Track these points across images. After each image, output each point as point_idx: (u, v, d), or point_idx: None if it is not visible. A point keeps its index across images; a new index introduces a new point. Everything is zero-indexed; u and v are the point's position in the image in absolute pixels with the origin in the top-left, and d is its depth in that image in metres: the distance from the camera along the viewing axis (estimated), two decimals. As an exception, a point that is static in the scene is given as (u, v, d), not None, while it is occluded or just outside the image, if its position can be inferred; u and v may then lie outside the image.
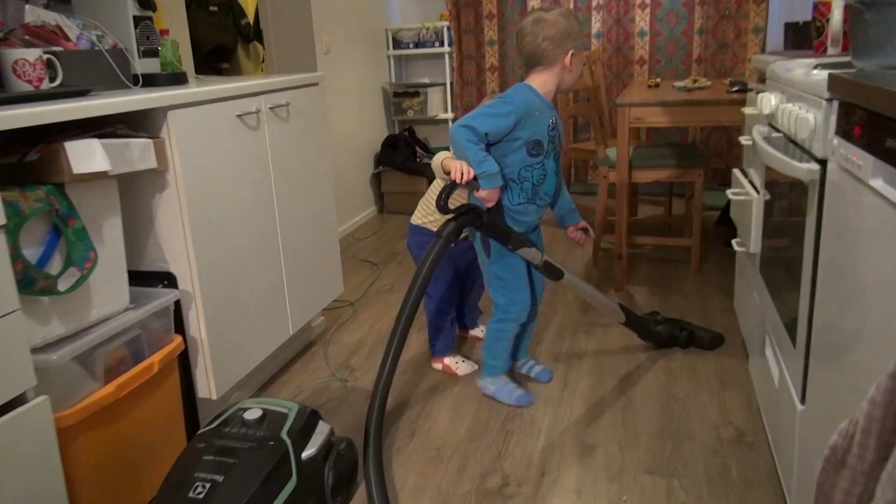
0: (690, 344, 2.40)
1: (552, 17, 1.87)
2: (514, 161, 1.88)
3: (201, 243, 1.81)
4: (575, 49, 1.88)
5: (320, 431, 1.61)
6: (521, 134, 1.85)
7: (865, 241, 0.98)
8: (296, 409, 1.62)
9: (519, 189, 1.92)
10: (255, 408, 1.60)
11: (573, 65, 1.89)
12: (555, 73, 1.89)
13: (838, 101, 1.12)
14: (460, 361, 2.31)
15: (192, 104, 1.77)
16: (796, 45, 2.68)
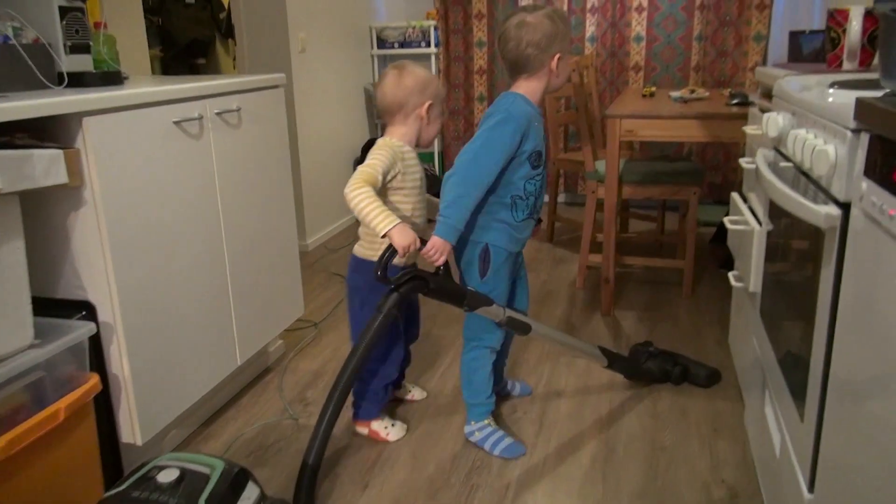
0: (684, 381, 2.18)
1: (536, 19, 1.71)
2: (518, 176, 1.75)
3: (124, 268, 1.58)
4: (562, 52, 1.74)
5: (247, 497, 1.37)
6: (525, 147, 1.73)
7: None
8: (220, 469, 1.39)
9: (524, 205, 1.79)
10: (172, 467, 1.37)
11: (560, 68, 1.76)
12: (541, 79, 1.77)
13: (869, 135, 0.90)
14: (390, 425, 1.95)
15: (115, 109, 1.54)
16: (802, 56, 2.47)
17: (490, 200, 1.76)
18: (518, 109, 1.72)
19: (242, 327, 2.06)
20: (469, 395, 1.92)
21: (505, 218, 1.77)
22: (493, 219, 1.77)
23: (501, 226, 1.78)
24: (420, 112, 1.79)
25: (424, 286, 1.63)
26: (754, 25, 3.86)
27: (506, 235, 1.79)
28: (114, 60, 1.89)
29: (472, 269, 1.82)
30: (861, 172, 0.92)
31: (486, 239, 1.78)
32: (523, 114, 1.72)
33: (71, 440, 1.50)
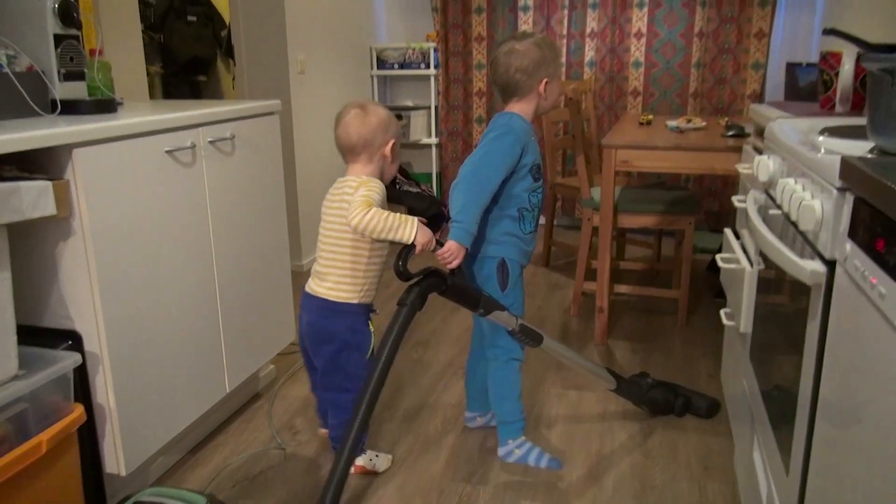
0: (686, 412, 2.18)
1: (524, 46, 1.80)
2: (522, 189, 1.83)
3: (112, 298, 1.57)
4: (549, 77, 1.83)
5: None
6: (526, 161, 1.81)
7: (879, 391, 0.75)
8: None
9: (531, 217, 1.86)
10: (152, 503, 1.36)
11: (548, 92, 1.85)
12: (531, 102, 1.85)
13: (854, 196, 0.90)
14: (374, 457, 1.92)
15: (107, 140, 1.54)
16: (798, 88, 2.48)
17: (500, 215, 1.83)
18: (517, 124, 1.81)
19: (232, 354, 2.05)
20: (506, 413, 1.92)
21: (514, 231, 1.84)
22: (504, 233, 1.84)
23: (513, 240, 1.84)
24: (384, 151, 1.81)
25: (442, 284, 1.66)
26: (753, 54, 3.88)
27: (517, 249, 1.86)
28: (108, 87, 1.90)
29: (491, 284, 1.86)
30: (846, 232, 0.91)
31: (502, 253, 1.85)
32: (522, 128, 1.80)
33: (53, 472, 1.49)
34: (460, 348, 2.69)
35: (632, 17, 4.02)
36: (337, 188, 1.84)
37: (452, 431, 2.12)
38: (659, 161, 2.56)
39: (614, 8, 4.03)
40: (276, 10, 3.35)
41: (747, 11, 3.83)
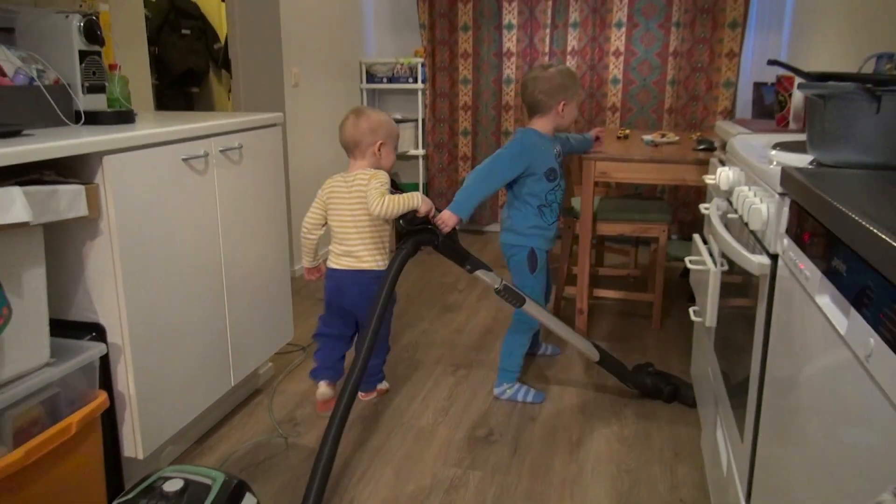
0: (674, 399, 2.39)
1: (549, 74, 2.30)
2: (541, 189, 2.31)
3: (134, 294, 1.72)
4: (566, 100, 2.30)
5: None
6: (536, 167, 2.29)
7: (809, 358, 0.93)
8: (221, 480, 1.52)
9: (549, 211, 2.36)
10: (176, 478, 1.49)
11: (565, 112, 2.32)
12: (550, 119, 2.32)
13: (790, 199, 1.07)
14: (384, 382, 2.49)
15: (132, 148, 1.69)
16: (764, 105, 2.68)
17: (526, 212, 2.34)
18: (527, 139, 2.31)
19: (237, 350, 2.19)
20: (508, 364, 2.43)
21: (539, 224, 2.35)
22: (531, 227, 2.34)
23: (538, 231, 2.35)
24: (373, 150, 2.18)
25: (435, 239, 2.05)
26: (724, 73, 4.10)
27: (542, 239, 2.38)
28: (126, 100, 2.04)
29: (524, 268, 2.37)
30: (784, 230, 1.09)
31: (531, 244, 2.35)
32: (532, 142, 2.30)
33: (80, 453, 1.62)
34: (447, 349, 2.85)
35: (610, 37, 4.23)
36: (348, 181, 2.17)
37: (443, 423, 2.27)
38: (635, 173, 2.75)
39: (594, 28, 4.24)
40: (273, 25, 3.51)
41: (719, 33, 4.06)
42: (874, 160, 1.11)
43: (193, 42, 4.95)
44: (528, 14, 4.33)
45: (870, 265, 0.71)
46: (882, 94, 1.07)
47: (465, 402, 2.41)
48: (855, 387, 0.75)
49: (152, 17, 4.64)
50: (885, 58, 1.86)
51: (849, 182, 0.99)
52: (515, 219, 2.35)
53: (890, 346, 0.65)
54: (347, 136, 2.19)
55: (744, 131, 1.85)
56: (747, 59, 4.12)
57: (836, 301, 0.83)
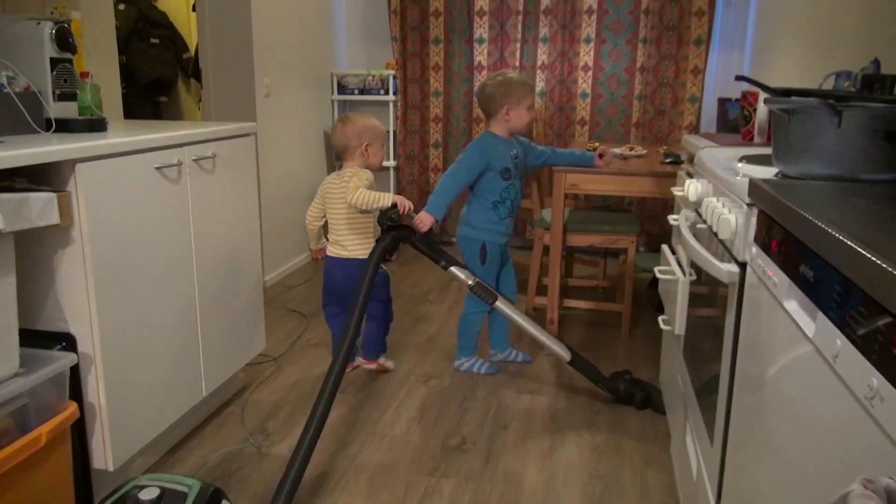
0: (647, 406, 2.43)
1: (493, 82, 2.55)
2: (496, 186, 2.54)
3: (106, 303, 1.70)
4: (510, 105, 2.51)
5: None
6: (493, 165, 2.53)
7: (778, 361, 0.96)
8: (197, 488, 1.51)
9: (503, 207, 2.57)
10: (151, 486, 1.48)
11: (511, 116, 2.53)
12: (500, 122, 2.55)
13: (757, 209, 1.12)
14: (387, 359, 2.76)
15: (105, 156, 1.67)
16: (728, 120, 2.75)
17: (480, 207, 2.57)
18: (485, 140, 2.57)
19: (208, 360, 2.17)
20: (464, 340, 2.70)
21: (491, 218, 2.57)
22: (483, 220, 2.57)
23: (490, 225, 2.58)
24: (360, 150, 2.50)
25: (412, 236, 2.31)
26: (689, 88, 4.20)
27: (494, 233, 2.59)
28: (98, 107, 2.02)
29: (475, 260, 2.59)
30: (752, 239, 1.13)
31: (483, 238, 2.58)
32: (488, 143, 2.55)
33: (49, 465, 1.59)
34: (419, 359, 2.86)
35: (579, 52, 4.31)
36: (338, 177, 2.50)
37: (417, 432, 2.28)
38: (604, 185, 2.80)
39: (563, 43, 4.32)
40: (244, 35, 3.51)
41: (684, 49, 4.16)
42: (836, 172, 1.16)
43: (162, 51, 4.91)
44: (499, 29, 4.39)
45: (836, 270, 0.75)
46: (843, 110, 1.12)
47: (438, 411, 2.42)
48: (822, 386, 0.78)
49: (120, 26, 4.59)
50: (843, 76, 1.94)
51: (813, 192, 1.03)
52: (470, 214, 2.60)
53: (856, 346, 0.69)
54: (337, 141, 2.53)
55: (711, 145, 1.91)
56: (711, 76, 4.22)
57: (804, 305, 0.87)
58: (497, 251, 2.62)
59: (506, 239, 2.63)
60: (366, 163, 2.51)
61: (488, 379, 2.67)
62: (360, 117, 2.55)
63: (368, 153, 2.51)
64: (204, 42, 3.56)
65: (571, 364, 2.44)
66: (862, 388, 0.67)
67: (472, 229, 2.59)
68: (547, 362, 2.85)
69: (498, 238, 2.60)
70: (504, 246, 2.65)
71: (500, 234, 2.60)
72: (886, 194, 1.04)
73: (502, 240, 2.62)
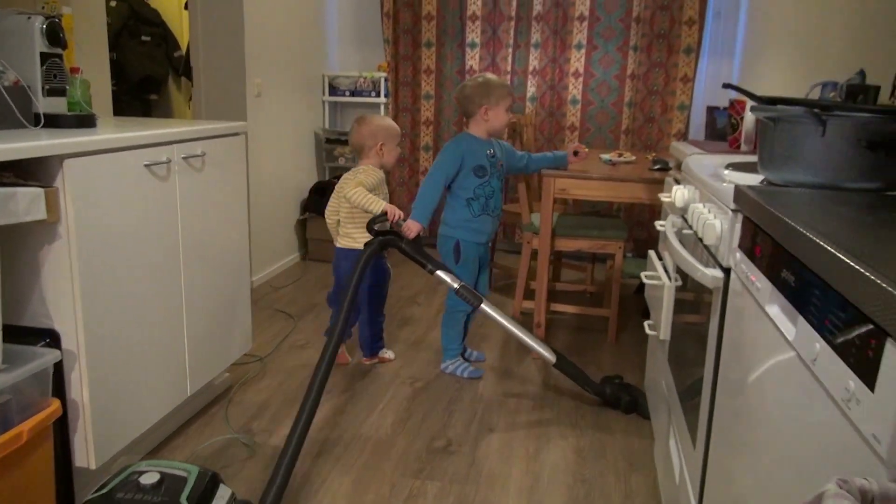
0: (633, 411, 2.44)
1: (471, 83, 2.61)
2: (469, 183, 2.58)
3: (91, 300, 1.69)
4: (488, 106, 2.56)
5: (221, 496, 1.57)
6: (467, 163, 2.57)
7: (760, 365, 0.97)
8: (195, 473, 1.56)
9: (477, 204, 2.60)
10: (151, 471, 1.53)
11: (489, 116, 2.58)
12: (479, 123, 2.60)
13: (742, 215, 1.13)
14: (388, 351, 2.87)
15: (94, 152, 1.67)
16: (716, 128, 2.78)
17: (454, 205, 2.61)
18: (461, 139, 2.62)
19: (194, 359, 2.16)
20: (447, 341, 2.74)
21: (466, 216, 2.60)
22: (458, 218, 2.61)
23: (464, 223, 2.60)
24: (375, 150, 2.64)
25: (399, 241, 2.37)
26: (678, 96, 4.24)
27: (469, 231, 2.61)
28: (87, 103, 2.02)
29: (450, 258, 2.63)
30: (737, 244, 1.15)
31: (458, 236, 2.62)
32: (465, 141, 2.59)
33: (30, 462, 1.58)
34: (406, 361, 2.86)
35: (570, 58, 4.33)
36: (352, 174, 2.63)
37: (402, 434, 2.28)
38: (593, 190, 2.82)
39: (555, 49, 4.34)
40: (236, 34, 3.50)
41: (674, 58, 4.19)
42: (820, 180, 1.18)
43: (153, 49, 4.89)
44: (491, 34, 4.41)
45: (816, 275, 0.76)
46: (827, 119, 1.14)
47: (424, 413, 2.42)
48: (802, 389, 0.79)
49: (111, 23, 4.57)
50: (829, 86, 1.96)
51: (797, 200, 1.04)
52: (447, 213, 2.66)
53: (834, 350, 0.70)
54: (353, 141, 2.68)
55: (698, 152, 1.92)
56: (700, 84, 4.26)
57: (785, 310, 0.88)
58: (473, 250, 2.63)
59: (483, 238, 2.64)
60: (381, 161, 2.65)
61: (474, 381, 2.68)
62: (376, 118, 2.68)
63: (383, 152, 2.64)
64: (195, 40, 3.56)
65: (557, 367, 2.44)
66: (839, 390, 0.68)
67: (447, 227, 2.65)
68: (534, 365, 2.86)
69: (473, 236, 2.61)
70: (483, 246, 2.66)
71: (475, 231, 2.61)
72: (868, 202, 1.06)
73: (478, 238, 2.63)
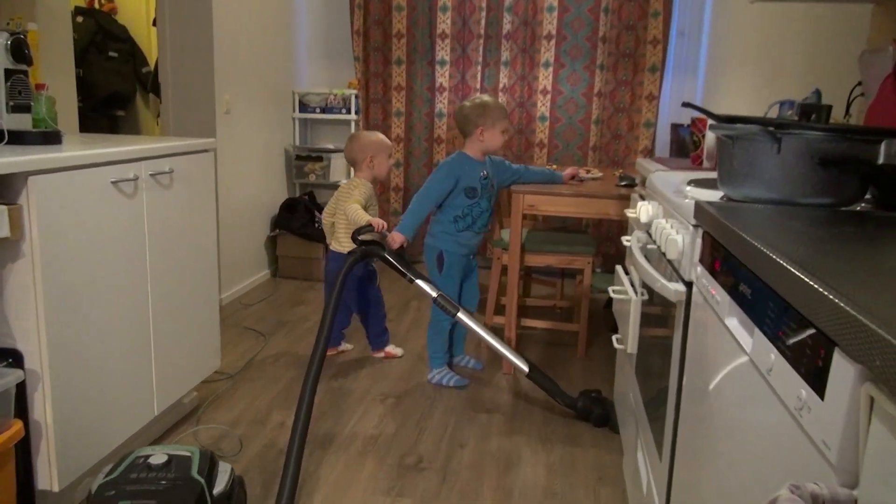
0: (604, 424, 2.47)
1: (469, 104, 2.71)
2: (459, 202, 2.69)
3: (55, 319, 1.66)
4: (484, 127, 2.65)
5: (223, 470, 1.72)
6: (460, 184, 2.67)
7: (720, 376, 1.00)
8: (197, 452, 1.70)
9: (463, 221, 2.71)
10: (157, 453, 1.67)
11: (485, 137, 2.67)
12: (475, 143, 2.69)
13: (702, 231, 1.16)
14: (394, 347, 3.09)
15: (59, 169, 1.65)
16: (680, 145, 2.84)
17: (441, 219, 2.73)
18: (453, 160, 2.71)
19: (161, 378, 2.14)
20: (432, 350, 2.83)
21: (449, 230, 2.72)
22: (443, 231, 2.73)
23: (448, 236, 2.72)
24: (366, 163, 2.88)
25: (381, 251, 2.51)
26: (644, 114, 4.32)
27: (452, 242, 2.73)
28: (53, 120, 2.00)
29: (433, 267, 2.76)
30: (698, 259, 1.18)
31: (441, 246, 2.73)
32: (458, 162, 2.70)
33: (-10, 485, 1.54)
34: (377, 378, 2.85)
35: (539, 76, 4.40)
36: (347, 185, 2.90)
37: (373, 451, 2.27)
38: (562, 206, 2.86)
39: (523, 67, 4.40)
40: (205, 50, 3.50)
41: (639, 76, 4.28)
42: (776, 196, 1.22)
43: (121, 65, 4.85)
44: (461, 51, 4.46)
45: (770, 288, 0.79)
46: (782, 137, 1.18)
47: (395, 430, 2.42)
48: (759, 399, 0.82)
49: (78, 38, 4.53)
50: (787, 104, 2.03)
51: (753, 215, 1.08)
52: (433, 224, 2.78)
53: (787, 360, 0.72)
54: (347, 155, 2.96)
55: (662, 168, 1.97)
56: (665, 102, 4.35)
57: (743, 322, 0.91)
58: (457, 261, 2.74)
59: (465, 250, 2.76)
60: (372, 174, 2.89)
61: (446, 397, 2.68)
62: (366, 134, 2.96)
63: (374, 164, 2.88)
64: (164, 56, 3.54)
65: (530, 377, 2.47)
66: (792, 399, 0.70)
67: (431, 237, 2.76)
68: (504, 381, 2.88)
69: (456, 248, 2.73)
70: (466, 258, 2.78)
71: (459, 244, 2.72)
72: (821, 217, 1.10)
73: (461, 250, 2.74)
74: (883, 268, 0.77)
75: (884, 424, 0.54)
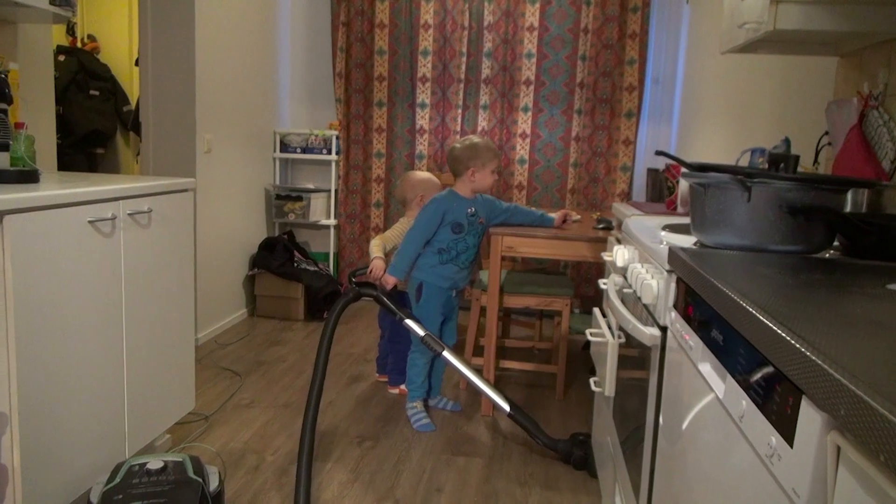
0: (583, 468, 2.46)
1: (461, 145, 2.78)
2: (444, 237, 2.76)
3: (27, 360, 1.64)
4: (475, 167, 2.74)
5: (212, 472, 1.84)
6: (447, 219, 2.75)
7: (695, 422, 1.01)
8: (187, 458, 1.82)
9: (446, 255, 2.78)
10: (152, 460, 1.77)
11: (475, 177, 2.75)
12: (465, 182, 2.77)
13: (676, 276, 1.18)
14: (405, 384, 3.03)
15: (35, 208, 1.64)
16: (656, 189, 2.90)
17: (426, 252, 2.78)
18: (442, 197, 2.78)
19: (134, 420, 2.10)
20: (413, 375, 2.87)
21: (433, 262, 2.78)
22: (426, 263, 2.78)
23: (430, 268, 2.78)
24: (417, 202, 2.97)
25: (373, 291, 2.69)
26: (621, 158, 4.40)
27: (433, 275, 2.79)
28: (31, 159, 1.99)
29: (413, 297, 2.84)
30: (672, 304, 1.19)
31: (421, 277, 2.80)
32: (445, 199, 2.77)
33: (-48, 532, 1.50)
34: (354, 420, 2.82)
35: (518, 120, 4.48)
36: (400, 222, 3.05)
37: (349, 496, 2.23)
38: (540, 248, 2.89)
39: (502, 110, 4.48)
40: (187, 90, 3.52)
41: (616, 121, 4.38)
42: (747, 242, 1.25)
43: (101, 103, 4.86)
44: (441, 95, 4.53)
45: (741, 335, 0.80)
46: (752, 185, 1.22)
47: (371, 473, 2.39)
48: (732, 445, 0.83)
49: (60, 77, 4.54)
50: (757, 151, 2.08)
51: (725, 261, 1.10)
52: (419, 258, 2.83)
53: (758, 407, 0.73)
54: (397, 194, 3.14)
55: (637, 213, 2.00)
56: (642, 146, 4.44)
57: (715, 368, 0.92)
58: (436, 293, 2.80)
59: (447, 283, 2.80)
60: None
61: (423, 440, 2.66)
62: (417, 174, 3.08)
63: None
64: (146, 95, 3.56)
65: (511, 416, 2.48)
66: (763, 446, 0.71)
67: (416, 269, 2.82)
68: (483, 423, 2.86)
69: (436, 279, 2.78)
70: (447, 292, 2.83)
71: (441, 277, 2.78)
72: (791, 264, 1.12)
73: (442, 283, 2.79)
74: (849, 316, 0.79)
75: (850, 473, 0.56)
